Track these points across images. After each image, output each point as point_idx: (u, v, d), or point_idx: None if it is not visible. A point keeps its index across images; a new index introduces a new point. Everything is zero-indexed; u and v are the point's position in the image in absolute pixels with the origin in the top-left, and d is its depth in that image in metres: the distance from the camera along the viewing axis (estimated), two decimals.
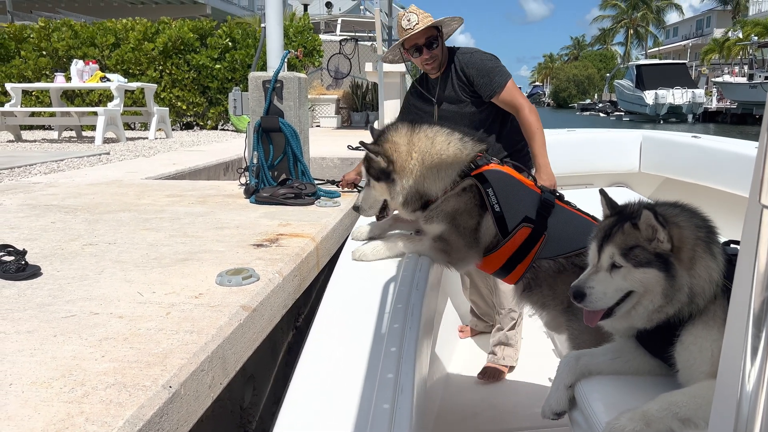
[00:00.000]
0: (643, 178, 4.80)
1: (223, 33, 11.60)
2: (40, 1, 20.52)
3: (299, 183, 3.94)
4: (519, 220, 2.09)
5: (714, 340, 1.40)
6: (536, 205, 2.13)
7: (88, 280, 2.27)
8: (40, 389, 1.45)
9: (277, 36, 4.25)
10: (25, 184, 4.71)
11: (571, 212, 2.20)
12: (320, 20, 17.34)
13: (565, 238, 2.10)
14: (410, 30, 2.99)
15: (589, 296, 1.56)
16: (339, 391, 1.39)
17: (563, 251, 2.07)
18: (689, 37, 63.63)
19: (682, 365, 1.46)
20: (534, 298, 2.15)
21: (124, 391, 1.45)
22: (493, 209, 2.09)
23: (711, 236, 1.50)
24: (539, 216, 2.11)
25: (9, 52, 11.74)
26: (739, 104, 35.73)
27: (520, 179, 2.22)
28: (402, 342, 1.60)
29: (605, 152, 4.87)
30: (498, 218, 2.09)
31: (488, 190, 2.09)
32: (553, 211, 2.14)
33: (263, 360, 2.80)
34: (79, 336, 1.76)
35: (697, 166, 4.33)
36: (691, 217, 1.52)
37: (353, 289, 2.01)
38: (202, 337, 1.76)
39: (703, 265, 1.45)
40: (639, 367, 1.61)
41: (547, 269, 2.09)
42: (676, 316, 1.48)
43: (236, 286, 2.20)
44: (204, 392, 1.69)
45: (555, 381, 1.67)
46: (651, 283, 1.50)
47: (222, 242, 2.85)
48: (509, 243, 2.10)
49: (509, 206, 2.10)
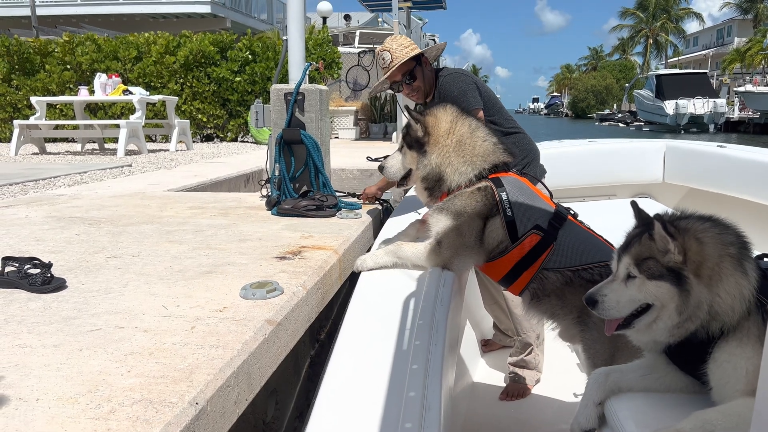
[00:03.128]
0: (667, 189, 4.72)
1: (243, 46, 11.71)
2: (65, 16, 20.93)
3: (320, 195, 3.92)
4: (529, 227, 2.10)
5: (748, 358, 1.35)
6: (548, 217, 2.14)
7: (113, 293, 2.27)
8: (66, 405, 1.43)
9: (298, 48, 4.26)
10: (50, 196, 4.76)
11: (583, 228, 2.20)
12: (339, 33, 17.46)
13: (573, 251, 2.10)
14: (386, 68, 3.05)
15: (601, 303, 1.55)
16: (364, 408, 1.36)
17: (570, 264, 2.07)
18: (710, 46, 62.99)
19: (716, 383, 1.41)
20: (543, 307, 2.15)
21: (151, 407, 1.43)
22: (505, 213, 2.11)
23: (743, 252, 1.44)
24: (550, 227, 2.12)
25: (34, 66, 11.96)
26: (762, 114, 35.19)
27: (535, 190, 2.25)
28: (428, 358, 1.57)
29: (628, 163, 4.80)
30: (509, 223, 2.11)
31: (502, 194, 2.13)
32: (565, 224, 2.15)
33: (286, 374, 2.78)
34: (104, 350, 1.74)
35: (723, 176, 4.24)
36: (720, 232, 1.47)
37: (377, 304, 1.99)
38: (227, 352, 1.74)
39: (730, 283, 1.40)
40: (670, 384, 1.57)
41: (554, 281, 2.09)
42: (704, 332, 1.43)
43: (261, 300, 2.18)
44: (230, 408, 1.66)
45: (584, 398, 1.63)
46: (664, 296, 1.47)
47: (245, 255, 2.84)
48: (517, 249, 2.11)
49: (521, 212, 2.12)
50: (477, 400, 3.11)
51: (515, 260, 2.12)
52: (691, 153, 4.63)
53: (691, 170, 4.57)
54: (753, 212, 3.87)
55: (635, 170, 4.78)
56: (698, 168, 4.49)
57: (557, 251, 2.10)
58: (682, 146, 4.80)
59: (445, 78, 3.07)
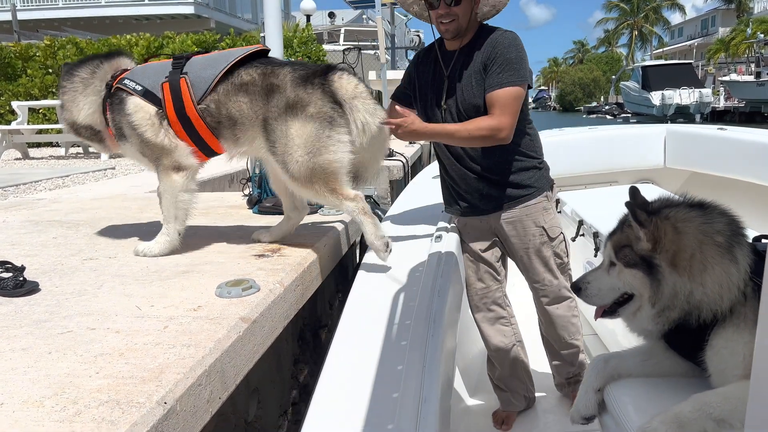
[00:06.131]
0: (669, 174, 4.70)
1: (226, 46, 11.65)
2: (46, 20, 20.74)
3: None
4: None
5: (746, 343, 1.35)
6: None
7: (87, 295, 2.24)
8: (31, 408, 1.41)
9: (277, 49, 4.23)
10: (30, 200, 4.70)
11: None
12: (323, 30, 17.43)
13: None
14: None
15: (584, 290, 1.57)
16: (362, 400, 1.36)
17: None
18: (694, 37, 63.36)
19: (714, 369, 1.41)
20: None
21: (117, 408, 1.40)
22: None
23: (734, 239, 1.42)
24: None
25: (16, 70, 11.85)
26: (747, 102, 35.48)
27: None
28: (425, 351, 1.57)
29: (629, 149, 4.77)
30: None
31: None
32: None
33: (268, 372, 2.75)
34: (74, 352, 1.72)
35: (725, 159, 4.22)
36: (706, 221, 1.45)
37: (375, 296, 2.00)
38: (199, 351, 1.72)
39: (716, 272, 1.38)
40: (670, 369, 1.57)
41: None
42: (694, 319, 1.42)
43: (236, 298, 2.16)
44: (202, 407, 1.64)
45: (583, 385, 1.63)
46: (637, 285, 1.47)
47: (223, 253, 2.81)
48: None
49: None
50: (476, 389, 3.09)
51: None
52: (692, 137, 4.61)
53: (692, 154, 4.54)
54: (756, 194, 3.87)
55: (636, 156, 4.75)
56: (699, 152, 4.47)
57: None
58: (683, 130, 4.78)
59: (505, 34, 2.49)
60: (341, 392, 1.42)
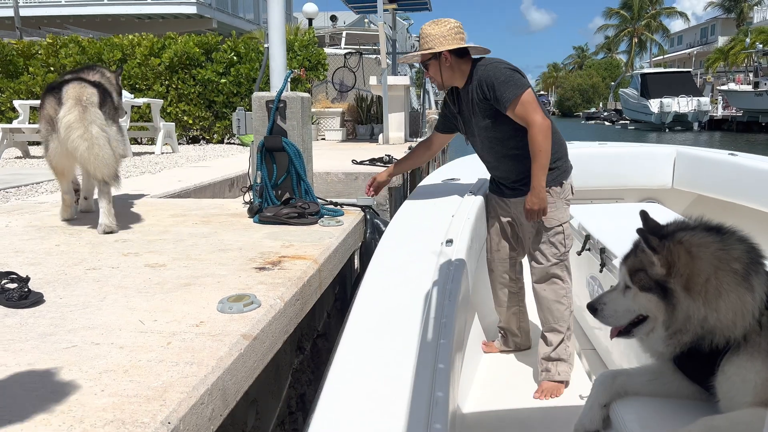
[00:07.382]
0: (676, 195, 4.71)
1: (228, 47, 11.69)
2: (49, 18, 20.71)
3: (302, 202, 3.94)
4: None
5: (758, 372, 1.36)
6: None
7: (91, 307, 2.27)
8: (39, 426, 1.45)
9: (280, 56, 4.27)
10: (31, 204, 4.73)
11: None
12: (325, 34, 17.45)
13: None
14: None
15: (600, 311, 1.60)
16: (371, 403, 1.38)
17: None
18: (694, 45, 63.55)
19: (724, 395, 1.42)
20: None
21: (123, 428, 1.44)
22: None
23: (751, 267, 1.43)
24: None
25: (18, 68, 11.86)
26: (745, 112, 35.62)
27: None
28: (436, 355, 1.59)
29: (637, 167, 4.79)
30: None
31: None
32: None
33: (267, 384, 2.79)
34: (79, 368, 1.75)
35: (733, 184, 4.22)
36: (723, 247, 1.45)
37: (383, 300, 2.02)
38: (201, 369, 1.76)
39: (731, 298, 1.39)
40: (677, 390, 1.58)
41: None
42: (706, 344, 1.44)
43: (237, 314, 2.20)
44: (204, 425, 1.68)
45: (589, 399, 1.64)
46: (652, 308, 1.49)
47: (225, 265, 2.85)
48: None
49: None
50: (480, 399, 3.11)
51: None
52: (702, 160, 4.61)
53: (700, 177, 4.54)
54: (763, 222, 3.83)
55: (644, 175, 4.77)
56: (708, 175, 4.47)
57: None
58: (693, 153, 4.77)
59: (487, 67, 2.98)
60: (348, 397, 1.43)
